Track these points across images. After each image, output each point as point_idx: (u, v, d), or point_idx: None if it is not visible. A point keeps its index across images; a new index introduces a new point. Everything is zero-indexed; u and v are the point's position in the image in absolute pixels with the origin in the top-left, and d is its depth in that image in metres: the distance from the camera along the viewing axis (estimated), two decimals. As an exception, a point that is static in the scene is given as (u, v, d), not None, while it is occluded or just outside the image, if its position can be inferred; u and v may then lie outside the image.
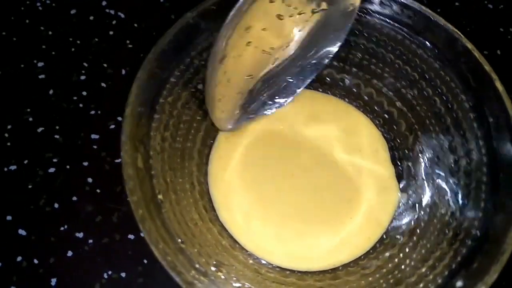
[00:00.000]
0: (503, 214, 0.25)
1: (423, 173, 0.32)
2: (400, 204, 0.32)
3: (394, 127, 0.34)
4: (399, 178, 0.34)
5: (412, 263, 0.27)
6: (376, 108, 0.35)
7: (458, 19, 0.44)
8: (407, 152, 0.33)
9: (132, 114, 0.23)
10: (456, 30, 0.28)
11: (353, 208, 0.32)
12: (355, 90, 0.35)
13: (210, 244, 0.26)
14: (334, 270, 0.29)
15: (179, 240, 0.23)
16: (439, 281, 0.25)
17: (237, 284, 0.25)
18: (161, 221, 0.23)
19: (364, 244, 0.31)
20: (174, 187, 0.26)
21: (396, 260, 0.29)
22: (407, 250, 0.29)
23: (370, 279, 0.28)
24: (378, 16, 0.31)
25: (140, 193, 0.22)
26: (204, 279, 0.23)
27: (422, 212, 0.30)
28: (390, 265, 0.28)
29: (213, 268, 0.24)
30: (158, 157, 0.25)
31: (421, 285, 0.25)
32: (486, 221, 0.25)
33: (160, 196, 0.24)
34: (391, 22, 0.31)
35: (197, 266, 0.23)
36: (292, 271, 0.29)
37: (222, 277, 0.24)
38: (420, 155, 0.33)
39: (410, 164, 0.33)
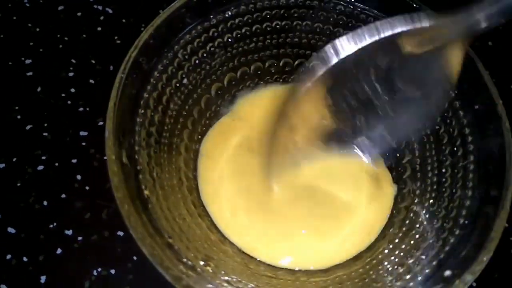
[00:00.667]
0: (490, 203, 0.25)
1: (410, 163, 0.32)
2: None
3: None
4: (391, 170, 0.34)
5: (402, 253, 0.28)
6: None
7: (449, 10, 0.44)
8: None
9: (115, 109, 0.23)
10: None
11: (346, 209, 0.32)
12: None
13: (199, 239, 0.27)
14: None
15: (167, 235, 0.24)
16: (427, 271, 0.25)
17: (226, 278, 0.25)
18: (147, 217, 0.23)
19: (356, 246, 0.31)
20: (161, 182, 0.26)
21: (386, 251, 0.29)
22: (396, 241, 0.29)
23: (361, 270, 0.28)
24: (362, 6, 0.31)
25: (126, 189, 0.22)
26: (192, 274, 0.23)
27: (411, 202, 0.31)
28: (380, 256, 0.29)
29: (201, 263, 0.24)
30: (144, 153, 0.25)
31: (409, 275, 0.26)
32: (474, 210, 0.26)
33: (146, 192, 0.24)
34: (375, 12, 0.31)
35: (184, 260, 0.23)
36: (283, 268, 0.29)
37: (210, 271, 0.24)
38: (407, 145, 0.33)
39: (398, 154, 0.33)
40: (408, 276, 0.26)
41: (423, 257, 0.26)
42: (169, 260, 0.22)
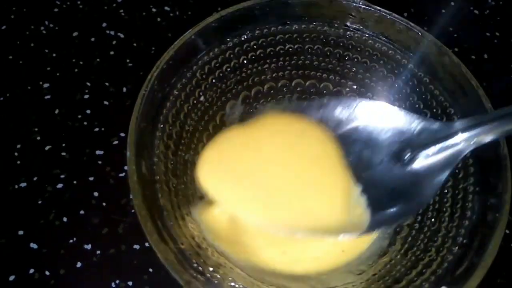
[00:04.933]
0: (485, 224, 0.27)
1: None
2: None
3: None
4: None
5: (402, 269, 0.30)
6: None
7: (445, 25, 0.48)
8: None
9: (137, 123, 0.26)
10: (443, 46, 0.32)
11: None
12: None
13: (209, 246, 0.29)
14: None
15: (179, 242, 0.26)
16: (425, 286, 0.27)
17: (233, 284, 0.28)
18: (162, 223, 0.26)
19: (352, 250, 0.33)
20: (176, 192, 0.29)
21: (388, 266, 0.31)
22: (398, 257, 0.31)
23: (363, 285, 0.31)
24: (370, 33, 0.35)
25: (143, 196, 0.25)
26: (201, 278, 0.25)
27: (414, 221, 0.33)
28: (382, 271, 0.31)
29: (210, 269, 0.27)
30: (161, 164, 0.28)
31: None
32: (472, 229, 0.28)
33: (162, 200, 0.27)
34: (383, 38, 0.35)
35: (195, 266, 0.26)
36: (286, 276, 0.32)
37: (218, 276, 0.27)
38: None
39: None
40: None
41: (423, 271, 0.29)
42: (181, 264, 0.25)
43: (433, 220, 0.31)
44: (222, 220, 0.33)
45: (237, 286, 0.27)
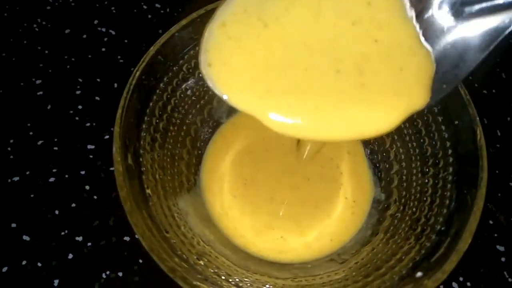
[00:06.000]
0: (461, 211, 0.28)
1: (398, 174, 0.36)
2: (377, 203, 0.37)
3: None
4: (376, 177, 0.38)
5: (383, 257, 0.31)
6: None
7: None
8: (384, 154, 0.38)
9: (123, 115, 0.27)
10: None
11: (331, 206, 0.36)
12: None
13: (194, 236, 0.30)
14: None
15: (164, 230, 0.27)
16: (403, 272, 0.28)
17: (216, 271, 0.29)
18: (148, 213, 0.27)
19: (338, 240, 0.35)
20: (163, 183, 0.30)
21: (370, 255, 0.32)
22: (380, 245, 0.32)
23: (344, 274, 0.32)
24: None
25: (129, 187, 0.26)
26: (185, 265, 0.26)
27: (396, 210, 0.34)
28: (364, 259, 0.32)
29: (195, 257, 0.28)
30: (148, 156, 0.29)
31: (387, 276, 0.29)
32: (449, 217, 0.29)
33: (148, 191, 0.28)
34: None
35: (179, 253, 0.27)
36: (273, 263, 0.33)
37: (202, 264, 0.28)
38: (395, 156, 0.37)
39: (387, 165, 0.37)
40: (386, 277, 0.29)
41: (402, 258, 0.30)
42: (166, 252, 0.26)
43: (414, 209, 0.32)
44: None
45: (221, 273, 0.28)
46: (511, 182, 0.41)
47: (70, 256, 0.36)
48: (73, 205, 0.38)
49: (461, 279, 0.37)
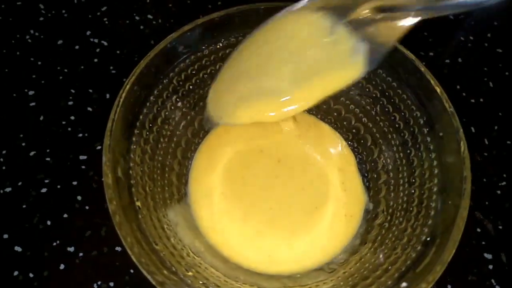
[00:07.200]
0: (445, 222, 0.29)
1: (385, 184, 0.37)
2: (366, 213, 0.37)
3: (361, 141, 0.39)
4: (365, 187, 0.39)
5: (370, 267, 0.32)
6: (344, 123, 0.40)
7: (420, 30, 0.50)
8: (373, 164, 0.38)
9: (112, 128, 0.28)
10: (411, 54, 0.33)
11: (320, 216, 0.37)
12: (325, 107, 0.41)
13: (184, 248, 0.31)
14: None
15: (153, 242, 0.28)
16: (389, 282, 0.29)
17: (205, 282, 0.29)
18: (137, 226, 0.27)
19: (329, 252, 0.35)
20: (153, 195, 0.31)
21: (358, 264, 0.33)
22: (368, 255, 0.33)
23: (333, 283, 0.32)
24: None
25: (118, 200, 0.27)
26: (174, 278, 0.27)
27: (384, 220, 0.35)
28: (352, 269, 0.33)
29: (184, 269, 0.29)
30: (138, 168, 0.30)
31: (373, 286, 0.29)
32: (434, 227, 0.30)
33: (138, 203, 0.28)
34: None
35: (168, 265, 0.27)
36: (261, 274, 0.34)
37: (191, 275, 0.29)
38: (383, 166, 0.38)
39: (375, 175, 0.38)
40: (372, 287, 0.30)
41: (389, 268, 0.30)
42: (155, 265, 0.26)
43: (401, 219, 0.33)
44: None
45: (209, 285, 0.29)
46: (498, 190, 0.42)
47: (62, 266, 0.36)
48: (65, 215, 0.38)
49: (449, 287, 0.37)
